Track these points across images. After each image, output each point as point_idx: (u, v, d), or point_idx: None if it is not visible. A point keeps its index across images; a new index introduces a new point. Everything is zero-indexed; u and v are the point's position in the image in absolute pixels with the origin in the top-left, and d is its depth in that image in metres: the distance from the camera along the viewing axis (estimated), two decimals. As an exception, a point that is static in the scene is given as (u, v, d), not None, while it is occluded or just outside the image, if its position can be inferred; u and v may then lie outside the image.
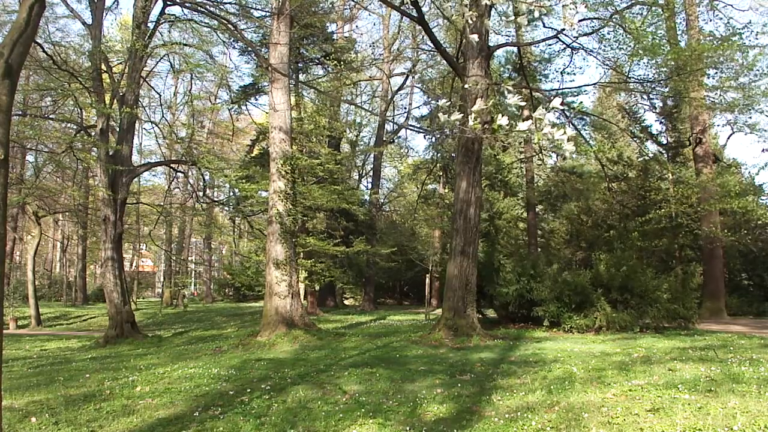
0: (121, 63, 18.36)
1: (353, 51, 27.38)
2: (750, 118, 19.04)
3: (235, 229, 40.65)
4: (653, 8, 14.01)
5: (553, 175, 29.43)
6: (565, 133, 2.71)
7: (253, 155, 25.42)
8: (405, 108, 35.43)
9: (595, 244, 23.82)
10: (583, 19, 13.51)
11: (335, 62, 21.99)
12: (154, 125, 22.20)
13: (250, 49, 21.81)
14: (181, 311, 28.70)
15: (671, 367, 7.58)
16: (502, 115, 2.79)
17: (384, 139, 30.37)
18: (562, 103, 2.80)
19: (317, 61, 24.58)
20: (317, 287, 26.74)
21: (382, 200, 33.66)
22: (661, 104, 24.12)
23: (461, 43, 14.39)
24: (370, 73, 32.90)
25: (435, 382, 7.18)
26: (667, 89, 16.81)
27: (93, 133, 17.67)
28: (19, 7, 3.30)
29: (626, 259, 15.11)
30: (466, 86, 12.32)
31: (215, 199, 31.71)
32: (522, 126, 2.75)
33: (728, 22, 15.86)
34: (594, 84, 18.90)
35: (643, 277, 14.07)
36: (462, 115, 3.16)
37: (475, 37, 4.26)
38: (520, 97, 2.81)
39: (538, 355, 9.44)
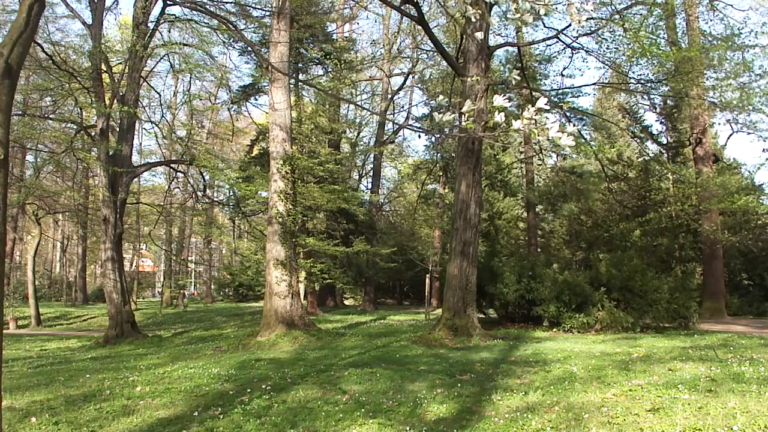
0: (121, 63, 18.36)
1: (353, 51, 27.38)
2: (749, 116, 19.05)
3: (235, 229, 40.72)
4: (653, 8, 14.01)
5: (553, 175, 29.44)
6: (561, 129, 2.70)
7: (252, 155, 25.42)
8: (405, 108, 35.45)
9: (595, 245, 23.83)
10: (587, 18, 13.49)
11: (335, 62, 21.99)
12: (154, 125, 22.19)
13: (250, 49, 21.81)
14: (181, 311, 28.70)
15: (671, 366, 7.57)
16: (499, 113, 2.77)
17: (384, 139, 30.36)
18: (548, 102, 2.78)
19: (317, 61, 24.59)
20: (317, 287, 26.74)
21: (382, 200, 33.65)
22: (661, 104, 24.13)
23: (461, 42, 14.39)
24: (370, 73, 32.90)
25: (435, 382, 7.17)
26: (667, 89, 16.82)
27: (93, 133, 17.68)
28: (19, 7, 3.30)
29: (626, 259, 15.11)
30: (468, 82, 12.29)
31: (215, 199, 31.72)
32: (517, 124, 2.74)
33: (728, 23, 15.88)
34: (594, 84, 18.92)
35: (643, 277, 14.06)
36: (458, 114, 3.15)
37: (479, 35, 4.24)
38: (506, 97, 2.80)
39: (538, 355, 9.44)
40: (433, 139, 28.23)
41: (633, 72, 15.86)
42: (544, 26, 15.78)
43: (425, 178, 30.86)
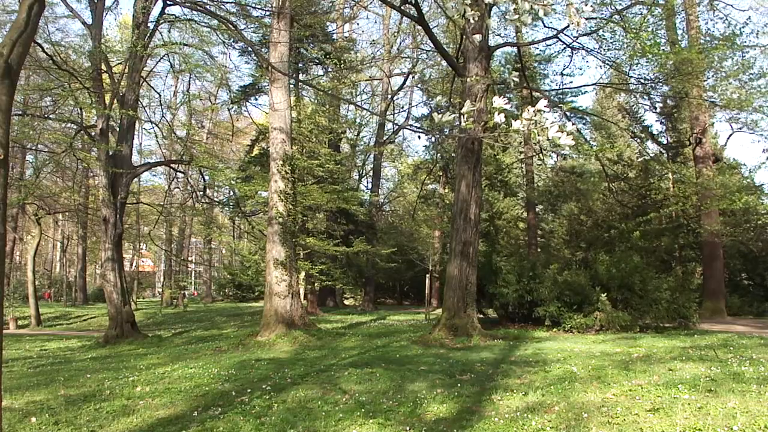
0: (121, 63, 18.35)
1: (353, 51, 27.39)
2: (750, 116, 19.04)
3: (235, 229, 40.71)
4: (653, 9, 14.00)
5: (553, 175, 29.44)
6: (560, 129, 2.70)
7: (252, 155, 25.43)
8: (405, 108, 35.43)
9: (595, 244, 23.82)
10: (586, 18, 13.48)
11: (335, 62, 21.99)
12: (154, 125, 22.17)
13: (250, 49, 21.82)
14: (181, 311, 28.69)
15: (671, 366, 7.58)
16: (498, 114, 2.78)
17: (384, 139, 30.35)
18: (548, 104, 2.78)
19: (317, 61, 24.58)
20: (317, 287, 26.76)
21: (382, 200, 33.65)
22: (661, 104, 24.13)
23: (461, 43, 14.39)
24: (370, 73, 32.88)
25: (435, 382, 7.17)
26: (667, 89, 16.82)
27: (93, 134, 17.67)
28: (19, 7, 3.30)
29: (626, 259, 15.10)
30: (468, 82, 12.29)
31: (215, 199, 31.71)
32: (516, 125, 2.74)
33: (729, 22, 15.87)
34: (594, 84, 18.89)
35: (643, 277, 14.06)
36: (458, 114, 3.16)
37: (477, 37, 4.25)
38: (505, 99, 2.80)
39: (538, 355, 9.44)
40: (433, 139, 28.22)
41: (633, 72, 15.86)
42: (544, 26, 15.79)
43: (425, 178, 30.83)
